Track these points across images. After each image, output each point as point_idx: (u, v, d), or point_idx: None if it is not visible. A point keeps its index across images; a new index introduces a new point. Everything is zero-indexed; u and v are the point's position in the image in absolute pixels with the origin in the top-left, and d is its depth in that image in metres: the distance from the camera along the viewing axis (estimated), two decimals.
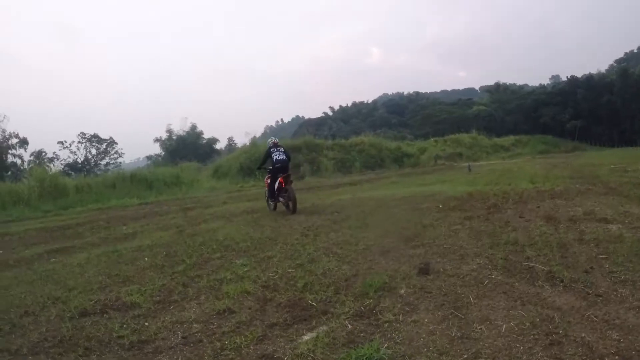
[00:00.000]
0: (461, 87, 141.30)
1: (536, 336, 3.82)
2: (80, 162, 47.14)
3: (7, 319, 5.28)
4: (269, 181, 12.75)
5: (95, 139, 49.68)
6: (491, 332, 3.94)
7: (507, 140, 52.58)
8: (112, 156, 50.35)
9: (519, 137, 54.51)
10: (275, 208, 13.11)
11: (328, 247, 7.79)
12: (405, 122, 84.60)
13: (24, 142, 41.65)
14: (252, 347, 4.21)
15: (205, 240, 9.38)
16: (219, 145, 58.66)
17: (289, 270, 6.55)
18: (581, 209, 9.21)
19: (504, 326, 4.03)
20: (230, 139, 64.72)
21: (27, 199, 21.78)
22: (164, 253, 8.47)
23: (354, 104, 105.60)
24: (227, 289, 5.90)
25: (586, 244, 6.58)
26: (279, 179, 12.18)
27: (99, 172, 43.46)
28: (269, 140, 13.68)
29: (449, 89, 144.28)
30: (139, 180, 25.83)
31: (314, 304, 4.99)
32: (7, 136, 40.16)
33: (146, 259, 8.13)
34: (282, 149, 12.75)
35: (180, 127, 55.51)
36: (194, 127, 55.19)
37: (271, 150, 12.68)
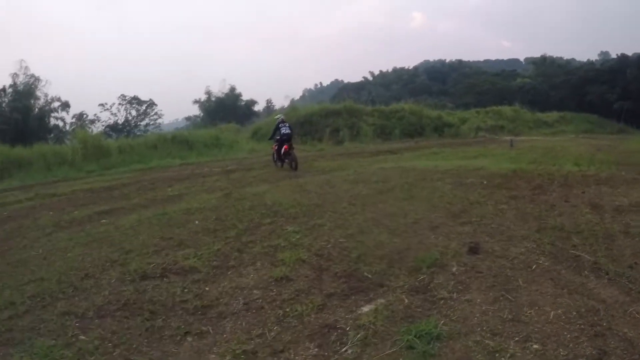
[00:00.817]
0: (505, 58, 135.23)
1: (582, 326, 3.88)
2: (120, 123, 48.10)
3: (68, 282, 5.48)
4: (276, 148, 16.10)
5: (135, 100, 50.55)
6: (540, 317, 4.04)
7: (551, 116, 50.23)
8: (151, 117, 51.21)
9: (563, 114, 51.93)
10: (282, 166, 16.15)
11: (377, 219, 7.79)
12: (447, 91, 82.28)
13: (65, 105, 42.71)
14: (313, 316, 4.31)
15: (253, 205, 9.44)
16: (257, 108, 59.06)
17: (341, 240, 6.61)
18: (627, 200, 8.90)
19: (552, 313, 4.10)
20: (268, 101, 64.81)
21: (71, 160, 22.41)
22: (214, 217, 8.58)
23: (395, 70, 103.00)
24: (282, 256, 6.01)
25: (631, 237, 6.42)
26: (285, 146, 15.48)
27: (138, 133, 44.48)
28: (278, 116, 17.36)
29: (493, 58, 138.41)
30: (179, 142, 26.15)
31: (369, 275, 5.10)
32: (49, 100, 41.25)
33: (197, 222, 8.26)
34: (287, 124, 16.26)
35: (219, 89, 56.18)
36: (232, 89, 55.43)
37: (280, 125, 16.08)
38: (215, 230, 7.64)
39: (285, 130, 15.90)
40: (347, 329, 4.02)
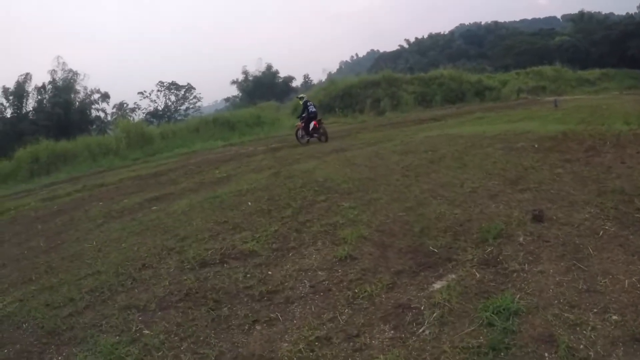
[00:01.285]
0: (542, 16, 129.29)
1: None
2: (160, 109, 48.81)
3: (126, 273, 5.36)
4: (303, 125, 17.37)
5: (173, 86, 51.07)
6: (615, 286, 3.84)
7: (592, 73, 47.55)
8: (191, 101, 51.61)
9: (605, 71, 49.04)
10: (308, 142, 17.28)
11: (433, 189, 7.43)
12: (485, 54, 79.58)
13: (105, 96, 43.56)
14: (384, 296, 4.09)
15: (305, 182, 9.15)
16: (295, 83, 58.70)
17: (400, 214, 6.30)
18: None
19: (627, 281, 3.87)
20: (305, 77, 64.47)
21: (115, 149, 22.93)
22: (266, 197, 8.34)
23: (430, 36, 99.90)
24: (342, 234, 5.73)
25: None
26: (314, 122, 16.93)
27: (179, 118, 45.01)
28: (302, 96, 19.53)
29: (529, 17, 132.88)
30: (221, 123, 26.30)
31: (435, 250, 4.91)
32: (89, 93, 42.12)
33: (249, 203, 8.05)
34: (312, 103, 18.28)
35: (255, 68, 56.06)
36: (269, 67, 55.18)
37: (308, 104, 17.69)
38: (269, 210, 7.39)
39: (312, 108, 17.46)
40: (422, 308, 3.80)
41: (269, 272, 4.87)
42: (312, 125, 16.93)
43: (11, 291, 5.55)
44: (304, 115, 17.45)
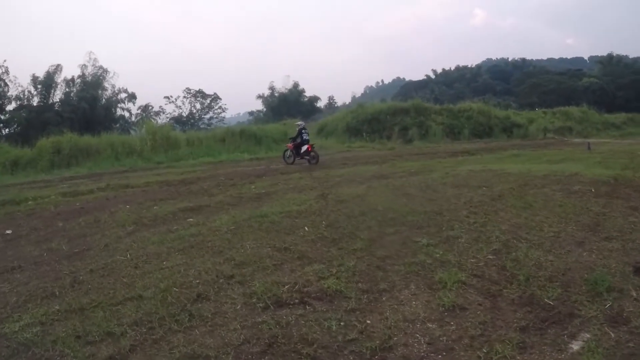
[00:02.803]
0: (569, 56, 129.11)
1: None
2: (185, 116, 48.24)
3: (178, 304, 4.21)
4: (293, 146, 18.26)
5: (200, 94, 50.62)
6: None
7: (619, 117, 46.21)
8: (215, 111, 51.12)
9: (632, 115, 48.01)
10: (293, 162, 18.11)
11: (512, 231, 6.59)
12: (511, 90, 78.84)
13: (132, 97, 43.00)
14: (519, 358, 3.42)
15: (363, 210, 8.03)
16: (320, 104, 57.93)
17: (490, 257, 5.50)
18: None
19: None
20: (330, 98, 63.75)
21: (139, 151, 22.05)
22: (324, 223, 7.23)
23: (457, 68, 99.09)
24: (436, 276, 4.85)
25: None
26: (308, 146, 17.75)
27: (202, 126, 44.32)
28: (299, 123, 19.82)
29: (556, 57, 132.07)
30: (248, 136, 25.42)
31: (550, 302, 4.31)
32: (116, 91, 41.72)
33: (306, 228, 6.93)
34: (307, 132, 18.96)
35: (282, 85, 55.44)
36: (296, 85, 54.48)
37: (302, 131, 18.39)
38: (333, 239, 6.29)
39: (306, 137, 18.40)
40: None
41: (367, 321, 3.84)
42: (304, 148, 17.83)
43: (29, 308, 4.42)
44: (297, 140, 18.27)
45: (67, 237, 7.45)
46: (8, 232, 8.26)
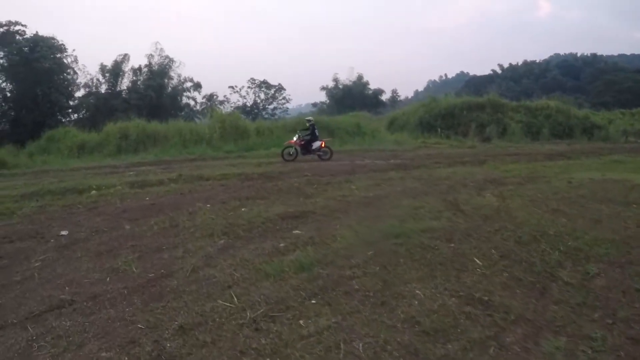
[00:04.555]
0: None
1: None
2: (249, 105, 46.60)
3: None
4: (303, 143, 16.52)
5: (264, 84, 48.87)
6: None
7: None
8: (279, 101, 49.14)
9: None
10: (294, 159, 16.02)
11: None
12: (581, 87, 72.41)
13: (197, 86, 41.56)
14: None
15: (531, 233, 5.69)
16: (384, 97, 54.99)
17: None
18: None
19: None
20: (394, 92, 60.02)
21: (208, 139, 20.27)
22: (494, 252, 4.88)
23: (525, 63, 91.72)
24: None
25: None
26: (321, 142, 16.63)
27: (266, 116, 42.60)
28: (310, 118, 18.72)
29: (628, 52, 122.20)
30: (320, 128, 23.02)
31: None
32: (182, 80, 40.40)
33: (477, 261, 4.64)
34: (317, 128, 17.55)
35: (346, 77, 52.53)
36: (360, 77, 51.50)
37: (315, 126, 17.14)
38: (532, 283, 4.01)
39: (318, 132, 17.23)
40: None
41: None
42: (317, 144, 16.64)
43: None
44: (307, 136, 16.74)
45: (137, 249, 5.33)
46: (63, 232, 6.26)
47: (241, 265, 4.60)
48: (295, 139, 16.66)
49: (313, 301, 3.78)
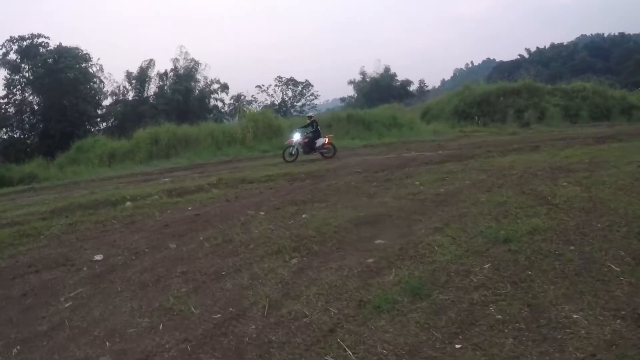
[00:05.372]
0: None
1: None
2: (277, 104, 45.52)
3: None
4: (306, 140, 15.04)
5: (291, 82, 47.68)
6: None
7: None
8: (307, 98, 47.91)
9: None
10: (295, 160, 14.50)
11: None
12: (611, 68, 68.76)
13: (224, 87, 40.48)
14: None
15: None
16: (411, 88, 53.22)
17: None
18: None
19: None
20: (421, 82, 58.15)
21: (241, 139, 19.27)
22: None
23: (552, 46, 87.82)
24: None
25: None
26: (325, 139, 15.09)
27: (294, 114, 41.48)
28: (311, 114, 18.26)
29: None
30: (355, 121, 21.90)
31: None
32: (209, 82, 39.59)
33: None
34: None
35: (373, 69, 50.97)
36: (387, 69, 49.83)
37: (316, 122, 15.64)
38: None
39: (320, 128, 15.87)
40: None
41: None
42: (321, 141, 15.12)
43: None
44: (309, 133, 15.26)
45: (189, 277, 4.22)
46: (97, 257, 5.17)
47: (333, 295, 3.44)
48: (295, 137, 15.07)
49: (457, 345, 2.60)
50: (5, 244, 6.20)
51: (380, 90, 46.62)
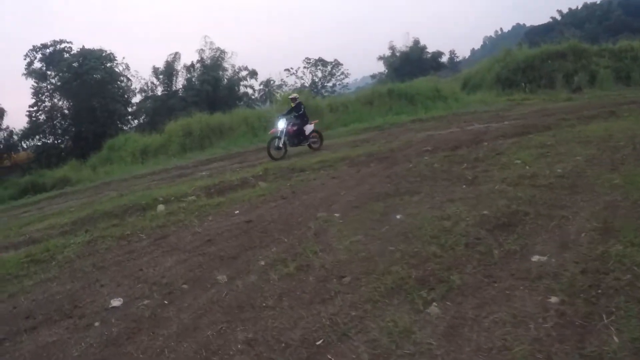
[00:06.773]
0: None
1: None
2: (307, 86, 43.49)
3: None
4: (295, 129, 11.63)
5: (320, 62, 45.40)
6: None
7: None
8: (338, 77, 45.52)
9: None
10: (284, 156, 11.22)
11: None
12: None
13: (253, 74, 38.82)
14: None
15: None
16: (443, 59, 50.21)
17: None
18: None
19: None
20: (451, 52, 54.99)
21: None
22: None
23: (585, 6, 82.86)
24: None
25: None
26: (312, 125, 12.01)
27: (326, 94, 39.45)
28: (295, 95, 12.94)
29: None
30: (397, 95, 19.85)
31: None
32: (237, 70, 37.94)
33: None
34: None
35: (402, 43, 48.09)
36: (416, 42, 46.85)
37: (302, 104, 12.22)
38: None
39: (306, 112, 12.43)
40: None
41: None
42: (309, 128, 11.92)
43: None
44: (294, 118, 11.77)
45: (258, 350, 2.38)
46: (115, 303, 3.44)
47: None
48: (279, 125, 11.56)
49: None
50: (10, 276, 4.60)
51: (412, 63, 44.00)
